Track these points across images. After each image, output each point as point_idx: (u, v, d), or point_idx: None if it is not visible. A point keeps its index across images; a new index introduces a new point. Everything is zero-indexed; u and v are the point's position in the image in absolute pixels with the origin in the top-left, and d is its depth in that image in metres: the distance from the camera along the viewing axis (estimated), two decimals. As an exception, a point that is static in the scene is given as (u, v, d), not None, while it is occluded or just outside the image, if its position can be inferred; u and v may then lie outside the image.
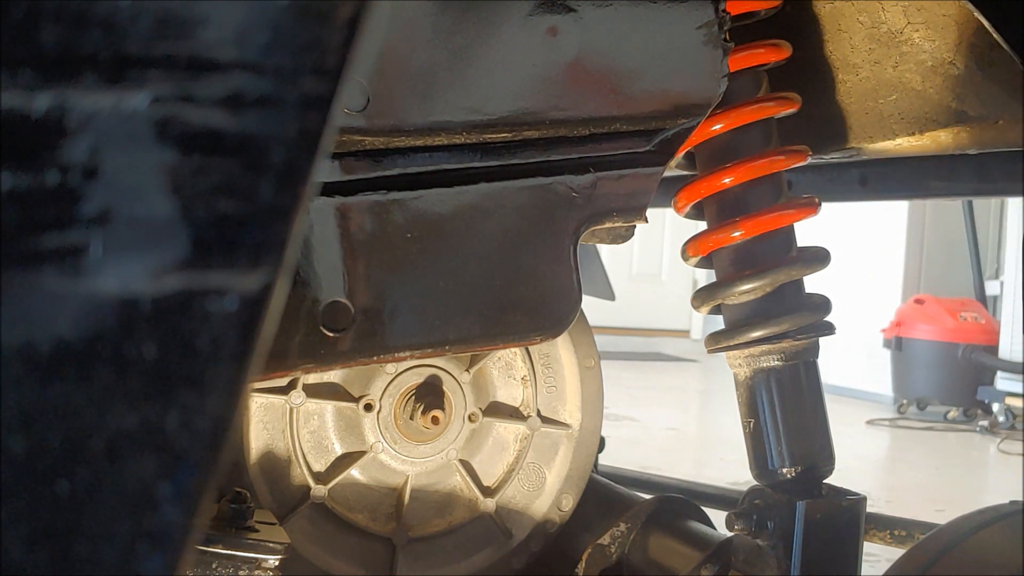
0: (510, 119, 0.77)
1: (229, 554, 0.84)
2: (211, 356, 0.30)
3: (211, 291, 0.30)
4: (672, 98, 0.81)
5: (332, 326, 0.76)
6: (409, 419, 1.07)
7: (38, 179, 0.28)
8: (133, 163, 0.29)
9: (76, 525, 0.30)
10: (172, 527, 0.30)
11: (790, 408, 0.95)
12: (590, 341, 1.16)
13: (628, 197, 0.83)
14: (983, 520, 0.86)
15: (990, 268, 6.06)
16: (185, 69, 0.29)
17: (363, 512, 1.09)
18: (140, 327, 0.30)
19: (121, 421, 0.30)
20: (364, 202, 0.76)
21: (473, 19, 0.75)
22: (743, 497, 0.95)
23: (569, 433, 1.15)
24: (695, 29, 0.80)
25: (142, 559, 0.30)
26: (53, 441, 0.29)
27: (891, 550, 1.45)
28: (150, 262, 0.30)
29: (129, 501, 0.30)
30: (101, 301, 0.29)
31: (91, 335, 0.29)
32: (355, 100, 0.72)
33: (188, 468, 0.30)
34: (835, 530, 0.90)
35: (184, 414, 0.30)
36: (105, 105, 0.29)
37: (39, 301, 0.29)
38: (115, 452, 0.30)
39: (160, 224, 0.30)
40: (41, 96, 0.28)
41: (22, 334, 0.29)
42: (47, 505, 0.29)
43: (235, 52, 0.30)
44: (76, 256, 0.29)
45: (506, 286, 0.80)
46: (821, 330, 0.95)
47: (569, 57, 0.77)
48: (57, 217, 0.29)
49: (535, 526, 1.14)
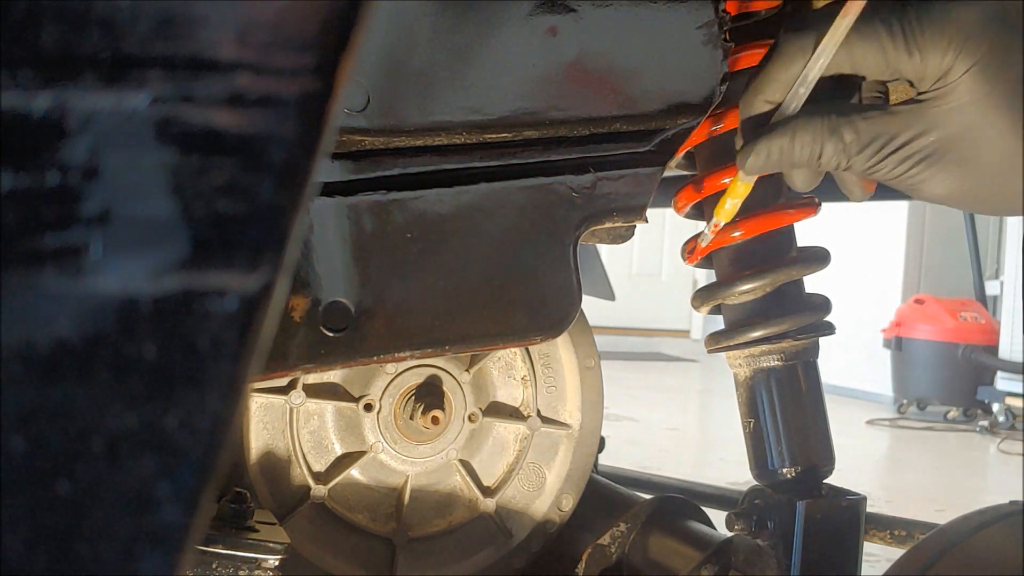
0: (510, 119, 0.77)
1: (229, 554, 0.84)
2: (211, 356, 0.30)
3: (211, 291, 0.30)
4: (672, 98, 0.81)
5: (332, 326, 0.76)
6: (409, 419, 1.07)
7: (38, 179, 0.28)
8: (133, 163, 0.29)
9: (76, 525, 0.30)
10: (172, 527, 0.30)
11: (790, 408, 0.95)
12: (590, 341, 1.16)
13: (628, 197, 0.83)
14: (983, 520, 0.86)
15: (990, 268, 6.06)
16: (185, 69, 0.29)
17: (363, 512, 1.09)
18: (140, 327, 0.30)
19: (121, 421, 0.30)
20: (364, 202, 0.76)
21: (473, 19, 0.75)
22: (743, 497, 0.95)
23: (569, 433, 1.15)
24: (695, 29, 0.80)
25: (142, 559, 0.30)
26: (53, 441, 0.29)
27: (891, 550, 1.45)
28: (150, 262, 0.30)
29: (129, 501, 0.30)
30: (101, 301, 0.29)
31: (91, 335, 0.29)
32: (355, 100, 0.72)
33: (188, 468, 0.30)
34: (835, 530, 0.90)
35: (184, 414, 0.30)
36: (105, 105, 0.29)
37: (39, 301, 0.29)
38: (115, 452, 0.30)
39: (160, 224, 0.30)
40: (41, 96, 0.28)
41: (22, 334, 0.29)
42: (47, 505, 0.29)
43: (235, 52, 0.30)
44: (76, 256, 0.29)
45: (506, 286, 0.80)
46: (821, 330, 0.95)
47: (569, 57, 0.77)
48: (57, 217, 0.29)
49: (535, 526, 1.14)
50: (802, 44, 0.72)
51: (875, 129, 0.71)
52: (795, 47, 0.73)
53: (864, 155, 0.72)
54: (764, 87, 0.75)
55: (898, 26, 0.70)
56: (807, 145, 0.73)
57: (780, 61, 0.74)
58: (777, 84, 0.74)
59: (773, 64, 0.74)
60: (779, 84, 0.74)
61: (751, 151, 0.74)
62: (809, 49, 0.72)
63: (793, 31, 0.74)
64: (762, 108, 0.75)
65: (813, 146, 0.73)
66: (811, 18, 0.74)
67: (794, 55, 0.73)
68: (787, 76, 0.74)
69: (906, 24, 0.70)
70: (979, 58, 0.68)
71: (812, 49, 0.72)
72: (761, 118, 0.76)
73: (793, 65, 0.73)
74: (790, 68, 0.73)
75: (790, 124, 0.73)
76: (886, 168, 0.73)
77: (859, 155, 0.72)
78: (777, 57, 0.74)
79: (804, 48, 0.72)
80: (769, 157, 0.74)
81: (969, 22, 0.68)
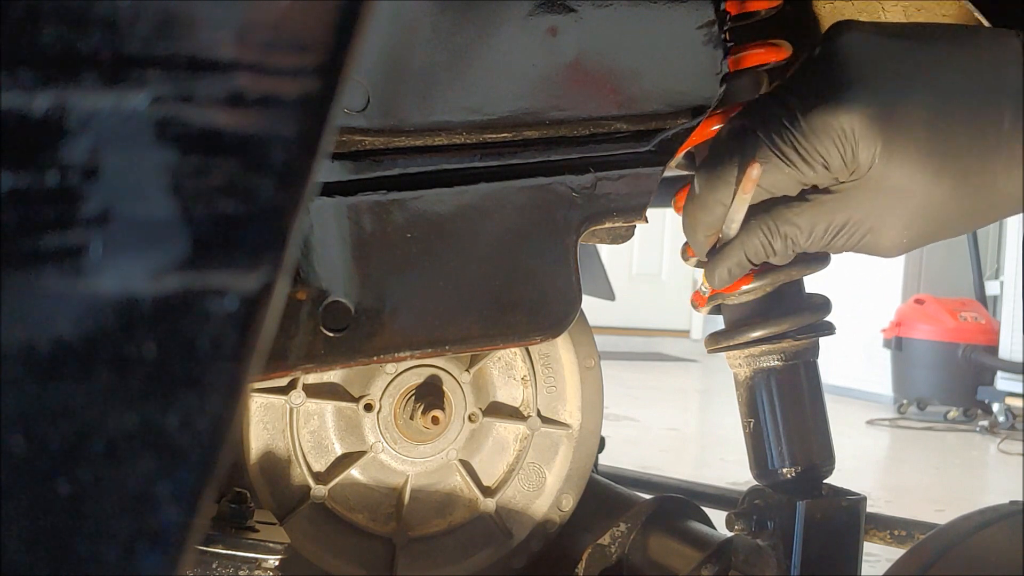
0: (510, 119, 0.77)
1: (229, 554, 0.84)
2: (211, 356, 0.30)
3: (211, 291, 0.30)
4: (672, 98, 0.81)
5: (332, 326, 0.76)
6: (409, 419, 1.07)
7: (38, 179, 0.28)
8: (133, 163, 0.29)
9: (76, 525, 0.30)
10: (172, 527, 0.30)
11: (790, 408, 0.95)
12: (590, 341, 1.16)
13: (628, 197, 0.83)
14: (983, 520, 0.86)
15: (990, 268, 6.06)
16: (185, 69, 0.29)
17: (363, 512, 1.09)
18: (140, 327, 0.30)
19: (121, 421, 0.30)
20: (364, 202, 0.76)
21: (473, 19, 0.75)
22: (743, 497, 0.95)
23: (569, 433, 1.15)
24: (695, 29, 0.80)
25: (142, 559, 0.30)
26: (53, 441, 0.29)
27: (891, 550, 1.45)
28: (150, 262, 0.30)
29: (129, 501, 0.30)
30: (101, 301, 0.29)
31: (91, 335, 0.29)
32: (355, 100, 0.72)
33: (188, 468, 0.30)
34: (835, 530, 0.90)
35: (184, 414, 0.30)
36: (105, 105, 0.29)
37: (39, 301, 0.29)
38: (115, 452, 0.30)
39: (160, 224, 0.30)
40: (41, 96, 0.28)
41: (22, 334, 0.29)
42: (47, 505, 0.29)
43: (235, 52, 0.30)
44: (76, 256, 0.29)
45: (506, 286, 0.80)
46: (821, 330, 0.95)
47: (569, 57, 0.77)
48: (57, 217, 0.29)
49: (535, 526, 1.14)
50: (716, 194, 0.79)
51: (811, 219, 0.77)
52: (711, 197, 0.80)
53: (811, 241, 0.78)
54: (698, 227, 0.83)
55: (792, 151, 0.74)
56: (758, 250, 0.80)
57: (703, 209, 0.81)
58: (707, 224, 0.82)
59: (698, 211, 0.82)
60: (708, 224, 0.82)
61: (714, 273, 0.84)
62: (722, 196, 0.79)
63: (703, 180, 0.80)
64: (704, 239, 0.84)
65: (764, 249, 0.80)
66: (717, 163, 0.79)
67: (712, 203, 0.80)
68: (713, 218, 0.81)
69: (799, 146, 0.74)
70: (879, 147, 0.72)
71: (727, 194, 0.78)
72: (707, 243, 0.84)
73: (714, 209, 0.80)
74: (712, 213, 0.81)
75: (739, 241, 0.81)
76: (838, 244, 0.78)
77: (807, 242, 0.78)
78: (698, 205, 0.82)
79: (718, 197, 0.79)
80: (731, 272, 0.83)
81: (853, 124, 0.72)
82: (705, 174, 0.81)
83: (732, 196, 0.78)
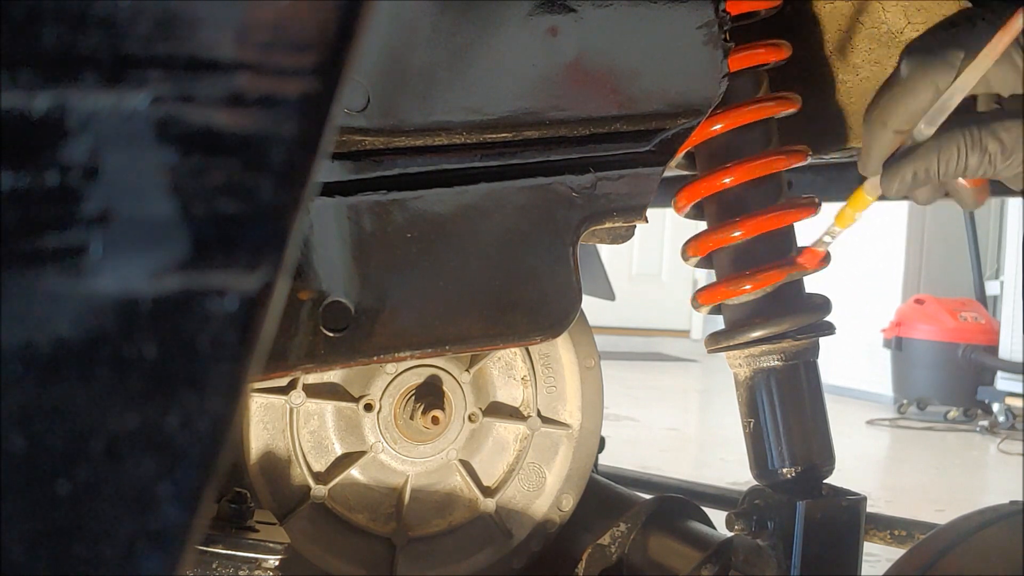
0: (510, 119, 0.77)
1: (229, 554, 0.84)
2: (211, 356, 0.30)
3: (211, 291, 0.30)
4: (672, 98, 0.81)
5: (332, 326, 0.76)
6: (409, 419, 1.07)
7: (38, 179, 0.28)
8: (133, 163, 0.29)
9: (76, 525, 0.30)
10: (172, 527, 0.30)
11: (790, 408, 0.95)
12: (590, 341, 1.16)
13: (628, 197, 0.83)
14: (983, 520, 0.86)
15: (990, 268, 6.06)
16: (185, 69, 0.29)
17: (363, 512, 1.09)
18: (140, 327, 0.30)
19: (121, 421, 0.30)
20: (364, 202, 0.76)
21: (473, 19, 0.75)
22: (743, 497, 0.95)
23: (569, 433, 1.15)
24: (695, 29, 0.80)
25: (142, 559, 0.30)
26: (53, 441, 0.29)
27: (891, 550, 1.45)
28: (150, 262, 0.30)
29: (129, 501, 0.30)
30: (101, 301, 0.29)
31: (91, 335, 0.29)
32: (355, 100, 0.72)
33: (188, 468, 0.30)
34: (835, 530, 0.90)
35: (184, 414, 0.30)
36: (105, 105, 0.29)
37: (39, 301, 0.29)
38: (115, 452, 0.30)
39: (160, 224, 0.30)
40: (41, 96, 0.28)
41: (22, 334, 0.29)
42: (47, 505, 0.29)
43: (235, 52, 0.30)
44: (76, 256, 0.29)
45: (506, 286, 0.80)
46: (821, 330, 0.95)
47: (569, 57, 0.77)
48: (57, 217, 0.29)
49: (535, 526, 1.14)
50: (932, 75, 0.72)
51: (1016, 138, 0.71)
52: (924, 79, 0.72)
53: (1011, 163, 0.73)
54: (893, 118, 0.75)
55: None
56: (952, 161, 0.73)
57: (910, 93, 0.73)
58: (908, 115, 0.74)
59: (902, 96, 0.74)
60: (910, 114, 0.74)
61: (895, 176, 0.75)
62: (939, 78, 0.71)
63: (917, 60, 0.73)
64: (892, 137, 0.76)
65: (959, 160, 0.73)
66: (934, 43, 0.73)
67: (924, 86, 0.73)
68: (917, 106, 0.73)
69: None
70: None
71: (944, 77, 0.71)
72: (891, 145, 0.76)
73: (923, 94, 0.73)
74: (919, 98, 0.73)
75: (933, 144, 0.73)
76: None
77: (1006, 163, 0.73)
78: (905, 89, 0.74)
79: (934, 78, 0.72)
80: (915, 178, 0.75)
81: None
82: (919, 54, 0.73)
83: (953, 79, 0.71)
